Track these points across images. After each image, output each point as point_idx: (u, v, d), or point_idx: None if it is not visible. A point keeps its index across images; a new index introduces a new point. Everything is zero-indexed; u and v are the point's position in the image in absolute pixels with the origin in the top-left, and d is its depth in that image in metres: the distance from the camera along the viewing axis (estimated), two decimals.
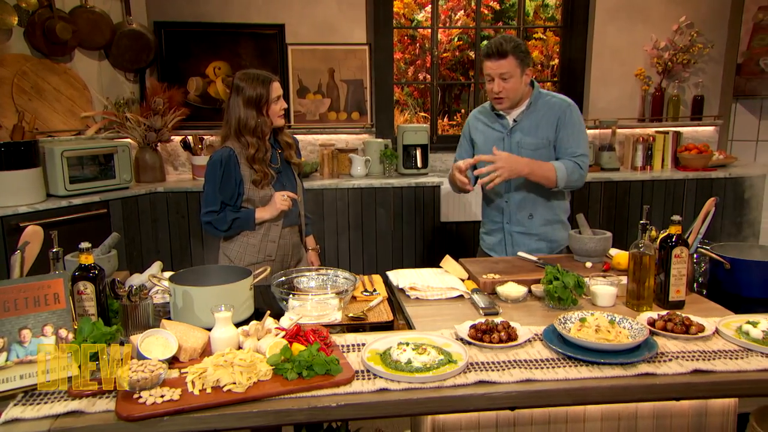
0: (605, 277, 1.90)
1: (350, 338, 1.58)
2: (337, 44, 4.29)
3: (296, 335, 1.48)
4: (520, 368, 1.38)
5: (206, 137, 4.13)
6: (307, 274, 2.05)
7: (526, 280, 1.95)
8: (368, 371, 1.38)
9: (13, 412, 1.22)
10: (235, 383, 1.28)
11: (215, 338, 1.46)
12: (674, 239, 1.75)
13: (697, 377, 1.36)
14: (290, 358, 1.34)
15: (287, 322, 1.59)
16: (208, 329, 1.50)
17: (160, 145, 4.04)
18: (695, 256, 2.01)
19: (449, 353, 1.42)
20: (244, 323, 1.58)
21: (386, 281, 2.11)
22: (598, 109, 4.52)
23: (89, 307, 1.54)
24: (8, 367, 1.30)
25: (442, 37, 6.07)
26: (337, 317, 1.73)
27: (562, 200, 2.47)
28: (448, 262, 2.18)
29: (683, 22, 4.43)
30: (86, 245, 1.54)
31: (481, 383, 1.33)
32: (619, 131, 4.45)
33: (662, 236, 1.80)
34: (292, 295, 1.82)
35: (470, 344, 1.50)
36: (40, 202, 3.23)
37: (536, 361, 1.43)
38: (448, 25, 6.07)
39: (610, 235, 2.19)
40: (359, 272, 2.15)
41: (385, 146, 4.20)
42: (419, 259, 4.02)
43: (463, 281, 2.04)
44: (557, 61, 4.72)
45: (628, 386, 1.34)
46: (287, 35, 4.25)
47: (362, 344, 1.52)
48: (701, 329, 1.56)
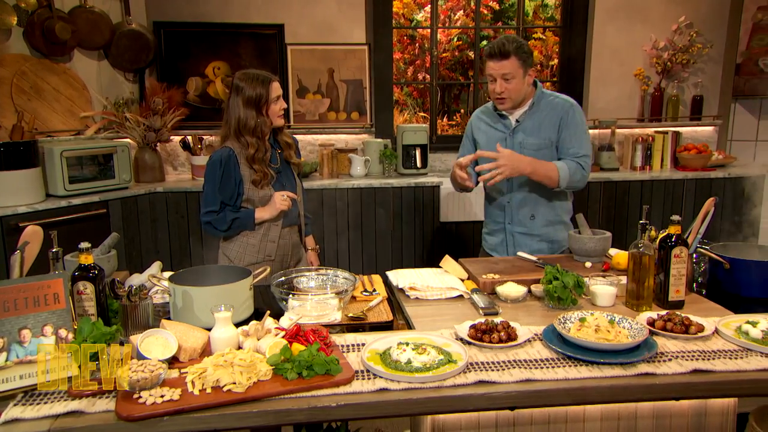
0: (605, 277, 1.90)
1: (350, 338, 1.58)
2: (336, 44, 4.29)
3: (296, 335, 1.48)
4: (519, 368, 1.39)
5: (205, 137, 4.13)
6: (306, 274, 2.05)
7: (525, 280, 1.95)
8: (368, 371, 1.38)
9: (12, 412, 1.22)
10: (235, 383, 1.28)
11: (215, 338, 1.46)
12: (674, 239, 1.75)
13: (696, 377, 1.36)
14: (290, 358, 1.35)
15: (287, 322, 1.59)
16: (207, 329, 1.50)
17: (159, 145, 4.04)
18: (695, 256, 2.01)
19: (449, 353, 1.42)
20: (243, 323, 1.58)
21: (386, 281, 2.11)
22: (597, 109, 4.52)
23: (89, 307, 1.54)
24: (8, 367, 1.30)
25: (441, 37, 6.07)
26: (336, 317, 1.73)
27: (564, 201, 2.46)
28: (447, 262, 2.18)
29: (682, 22, 4.43)
30: (86, 245, 1.54)
31: (480, 383, 1.33)
32: (618, 131, 4.46)
33: (662, 236, 1.80)
34: (291, 295, 1.82)
35: (470, 344, 1.50)
36: (39, 202, 3.23)
37: (536, 361, 1.43)
38: (447, 25, 6.07)
39: (609, 235, 2.19)
40: (359, 272, 2.15)
41: (384, 146, 4.20)
42: (419, 259, 4.02)
43: (462, 281, 2.04)
44: (556, 61, 4.72)
45: (627, 386, 1.34)
46: (287, 35, 4.25)
47: (362, 344, 1.53)
48: (701, 329, 1.56)
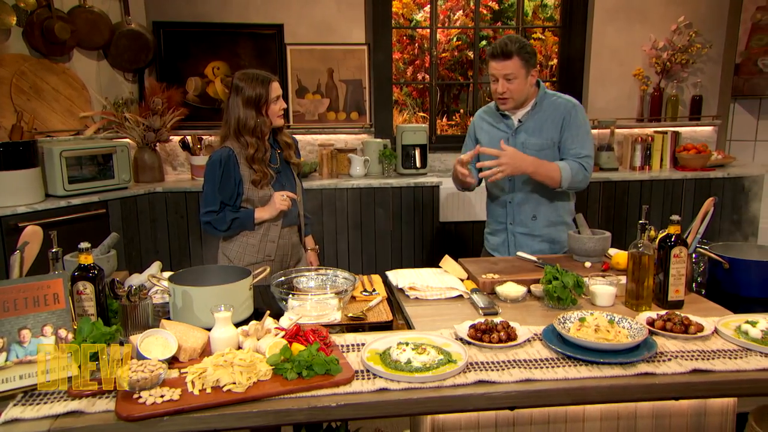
0: (604, 276, 1.90)
1: (350, 338, 1.58)
2: (335, 44, 4.29)
3: (296, 335, 1.48)
4: (519, 368, 1.39)
5: (205, 137, 4.13)
6: (306, 274, 2.05)
7: (525, 279, 1.95)
8: (368, 371, 1.38)
9: (12, 412, 1.22)
10: (234, 383, 1.28)
11: (215, 338, 1.46)
12: (673, 239, 1.75)
13: (696, 377, 1.37)
14: (290, 358, 1.35)
15: (287, 322, 1.59)
16: (207, 329, 1.50)
17: (158, 145, 4.04)
18: (694, 255, 2.01)
19: (449, 353, 1.42)
20: (243, 323, 1.58)
21: (385, 281, 2.11)
22: (596, 109, 4.52)
23: (89, 307, 1.54)
24: (8, 367, 1.30)
25: (440, 37, 6.07)
26: (336, 317, 1.73)
27: (566, 201, 2.45)
28: (447, 262, 2.18)
29: (682, 22, 4.44)
30: (86, 245, 1.54)
31: (480, 383, 1.33)
32: (617, 131, 4.46)
33: (661, 236, 1.80)
34: (291, 295, 1.82)
35: (470, 344, 1.50)
36: (38, 202, 3.23)
37: (536, 360, 1.43)
38: (446, 25, 6.07)
39: (609, 234, 2.19)
40: (358, 272, 2.15)
41: (384, 146, 4.20)
42: (418, 259, 4.02)
43: (462, 281, 2.04)
44: (556, 61, 4.72)
45: (627, 386, 1.34)
46: (286, 35, 4.25)
47: (362, 344, 1.53)
48: (700, 329, 1.56)
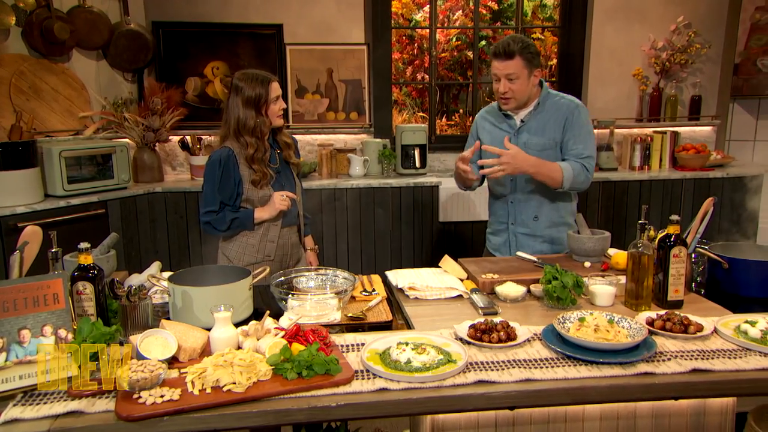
0: (604, 276, 1.90)
1: (349, 338, 1.58)
2: (335, 44, 4.29)
3: (296, 335, 1.48)
4: (519, 368, 1.39)
5: (204, 137, 4.12)
6: (306, 274, 2.05)
7: (525, 279, 1.95)
8: (368, 371, 1.38)
9: (12, 412, 1.22)
10: (234, 383, 1.28)
11: (215, 338, 1.46)
12: (673, 239, 1.75)
13: (695, 376, 1.37)
14: (290, 358, 1.35)
15: (286, 322, 1.59)
16: (207, 329, 1.50)
17: (158, 145, 4.04)
18: (693, 255, 2.01)
19: (448, 353, 1.42)
20: (243, 323, 1.58)
21: (385, 281, 2.11)
22: (596, 109, 4.52)
23: (88, 307, 1.54)
24: (7, 367, 1.30)
25: (440, 37, 6.07)
26: (336, 317, 1.73)
27: (568, 202, 2.45)
28: (447, 262, 2.18)
29: (681, 22, 4.44)
30: (85, 245, 1.54)
31: (480, 383, 1.33)
32: (617, 131, 4.46)
33: (661, 236, 1.80)
34: (291, 295, 1.82)
35: (469, 344, 1.51)
36: (38, 202, 3.23)
37: (535, 360, 1.43)
38: (446, 25, 6.07)
39: (608, 234, 2.19)
40: (358, 272, 2.14)
41: (383, 146, 4.20)
42: (418, 258, 4.02)
43: (462, 281, 2.04)
44: (555, 61, 4.73)
45: (627, 385, 1.34)
46: (285, 35, 4.25)
47: (361, 344, 1.53)
48: (700, 329, 1.56)
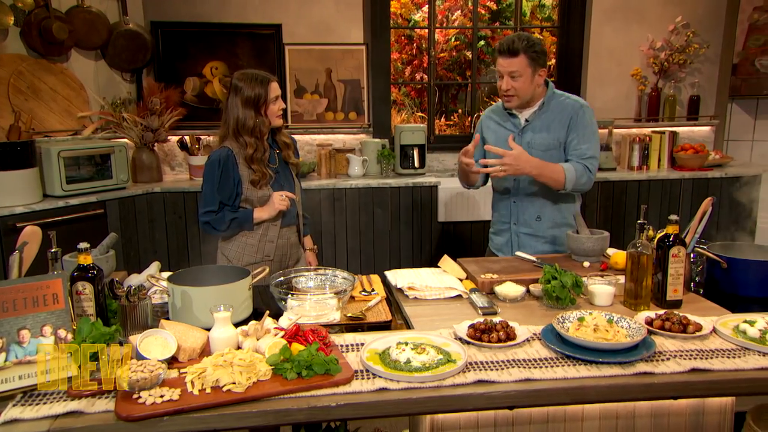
0: (603, 276, 1.90)
1: (349, 338, 1.58)
2: (334, 44, 4.29)
3: (295, 335, 1.48)
4: (518, 367, 1.39)
5: (203, 137, 4.12)
6: (305, 274, 2.05)
7: (524, 279, 1.95)
8: (367, 371, 1.38)
9: (12, 412, 1.21)
10: (234, 383, 1.28)
11: (214, 338, 1.46)
12: (671, 239, 1.76)
13: (694, 376, 1.37)
14: (289, 357, 1.35)
15: (286, 322, 1.59)
16: (207, 329, 1.50)
17: (156, 145, 4.04)
18: (692, 255, 2.01)
19: (448, 353, 1.43)
20: (243, 323, 1.58)
21: (384, 281, 2.11)
22: (594, 108, 4.42)
23: (88, 307, 1.54)
24: (7, 367, 1.29)
25: (439, 37, 6.08)
26: (335, 317, 1.73)
27: (571, 203, 2.44)
28: (446, 261, 2.19)
29: (679, 22, 4.45)
30: (85, 245, 1.54)
31: (480, 383, 1.33)
32: (615, 131, 4.47)
33: (659, 236, 1.80)
34: (290, 295, 1.82)
35: (469, 344, 1.51)
36: (36, 202, 3.22)
37: (535, 360, 1.43)
38: (445, 25, 6.08)
39: (607, 234, 2.20)
40: (357, 272, 2.15)
41: (382, 146, 4.20)
42: (417, 258, 4.02)
43: (461, 281, 2.04)
44: (554, 61, 4.73)
45: (626, 385, 1.35)
46: (284, 35, 4.25)
47: (361, 344, 1.53)
48: (699, 328, 1.56)
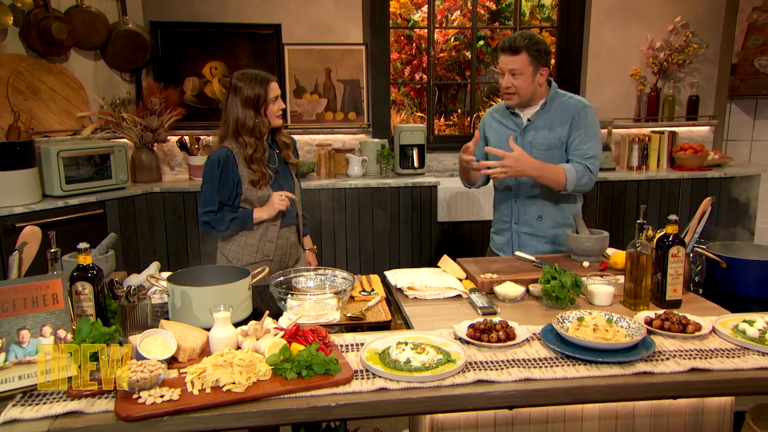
0: (602, 276, 1.90)
1: (349, 338, 1.58)
2: (333, 44, 4.29)
3: (295, 335, 1.48)
4: (518, 367, 1.39)
5: (203, 137, 4.12)
6: (305, 274, 2.05)
7: (523, 279, 1.95)
8: (367, 371, 1.38)
9: (12, 412, 1.21)
10: (234, 383, 1.28)
11: (214, 338, 1.46)
12: (671, 239, 1.76)
13: (694, 376, 1.37)
14: (289, 357, 1.35)
15: (286, 321, 1.59)
16: (206, 329, 1.50)
17: (156, 145, 4.04)
18: (692, 255, 2.02)
19: (448, 353, 1.43)
20: (242, 323, 1.58)
21: (384, 281, 2.11)
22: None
23: (87, 307, 1.54)
24: (7, 367, 1.29)
25: (438, 37, 6.08)
26: (335, 317, 1.73)
27: (572, 203, 2.43)
28: (446, 261, 2.19)
29: (678, 22, 4.45)
30: (84, 246, 1.54)
31: (479, 382, 1.33)
32: (615, 131, 4.47)
33: (659, 236, 1.80)
34: (290, 295, 1.81)
35: (469, 344, 1.51)
36: (36, 202, 3.22)
37: (534, 360, 1.43)
38: (444, 25, 6.08)
39: (607, 234, 2.20)
40: (357, 272, 2.15)
41: (381, 146, 4.20)
42: (416, 258, 4.02)
43: (460, 281, 2.04)
44: (553, 61, 4.73)
45: (625, 385, 1.35)
46: (284, 35, 4.25)
47: (361, 344, 1.53)
48: (698, 328, 1.56)
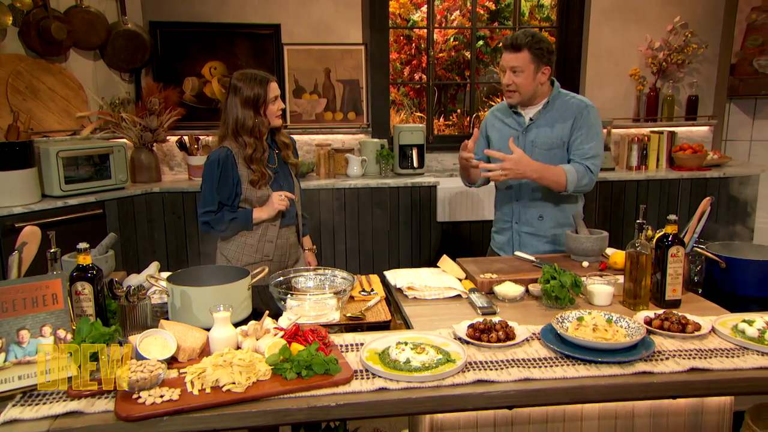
0: (602, 276, 1.90)
1: (348, 338, 1.58)
2: (333, 44, 4.29)
3: (295, 335, 1.48)
4: (518, 367, 1.39)
5: (202, 137, 4.12)
6: (305, 274, 2.05)
7: (523, 279, 1.95)
8: (367, 371, 1.38)
9: (11, 412, 1.21)
10: (234, 383, 1.28)
11: (214, 338, 1.46)
12: (670, 238, 1.76)
13: (693, 375, 1.37)
14: (289, 357, 1.35)
15: (285, 321, 1.59)
16: (206, 329, 1.50)
17: (155, 145, 4.03)
18: (691, 255, 2.02)
19: (448, 353, 1.43)
20: (242, 323, 1.58)
21: (384, 281, 2.11)
22: None
23: (87, 307, 1.54)
24: (6, 367, 1.29)
25: (438, 37, 6.08)
26: (335, 317, 1.73)
27: (573, 203, 2.43)
28: (445, 261, 2.19)
29: (677, 22, 4.45)
30: (84, 246, 1.54)
31: (479, 382, 1.33)
32: (614, 131, 4.47)
33: (658, 236, 1.81)
34: (290, 295, 1.82)
35: (468, 343, 1.51)
36: (35, 202, 3.22)
37: (534, 360, 1.43)
38: (443, 25, 6.08)
39: (606, 234, 2.20)
40: (356, 272, 2.15)
41: (381, 146, 4.20)
42: (416, 258, 4.02)
43: (460, 281, 2.04)
44: None
45: (625, 385, 1.35)
46: (283, 35, 4.25)
47: (361, 344, 1.53)
48: (697, 328, 1.57)
